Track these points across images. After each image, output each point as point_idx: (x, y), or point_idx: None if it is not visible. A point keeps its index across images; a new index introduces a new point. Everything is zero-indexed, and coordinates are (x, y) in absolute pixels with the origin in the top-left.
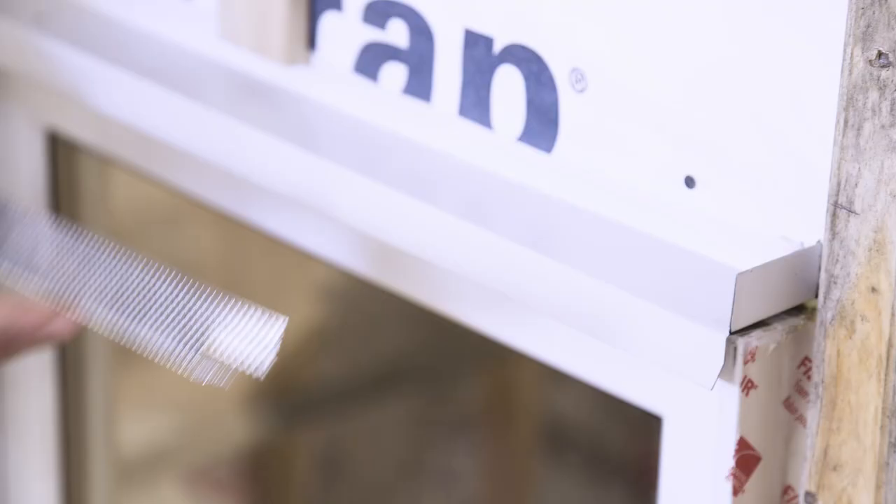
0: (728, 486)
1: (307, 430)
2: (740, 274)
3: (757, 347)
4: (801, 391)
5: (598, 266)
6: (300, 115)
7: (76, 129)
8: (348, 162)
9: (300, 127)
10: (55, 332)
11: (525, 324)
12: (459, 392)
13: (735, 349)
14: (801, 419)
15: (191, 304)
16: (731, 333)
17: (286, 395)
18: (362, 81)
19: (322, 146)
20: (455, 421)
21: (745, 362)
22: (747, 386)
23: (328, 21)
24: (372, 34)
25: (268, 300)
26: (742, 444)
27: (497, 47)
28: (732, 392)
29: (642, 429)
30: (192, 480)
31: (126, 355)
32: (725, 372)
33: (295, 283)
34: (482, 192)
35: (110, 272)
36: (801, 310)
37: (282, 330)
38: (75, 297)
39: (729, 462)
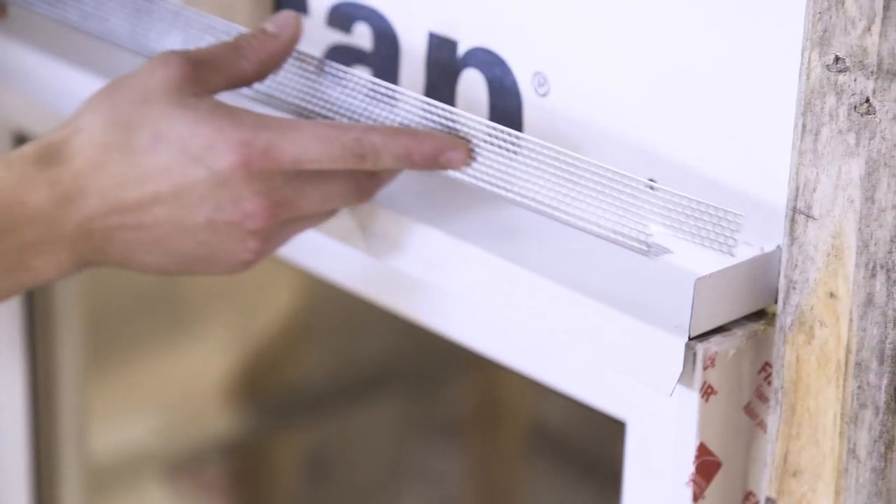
0: (688, 492)
1: (293, 430)
2: (699, 279)
3: (716, 353)
4: (762, 397)
5: (559, 270)
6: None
7: (44, 131)
8: None
9: None
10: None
11: (489, 328)
12: (446, 394)
13: (694, 355)
14: (761, 425)
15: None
16: (691, 339)
17: (272, 394)
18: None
19: None
20: (442, 423)
21: (705, 368)
22: (707, 392)
23: None
24: (337, 37)
25: (254, 299)
26: (702, 450)
27: (461, 50)
28: (692, 398)
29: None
30: (176, 480)
31: (100, 358)
32: (685, 377)
33: (281, 283)
34: (445, 195)
35: None
36: (762, 315)
37: None
38: None
39: (689, 468)
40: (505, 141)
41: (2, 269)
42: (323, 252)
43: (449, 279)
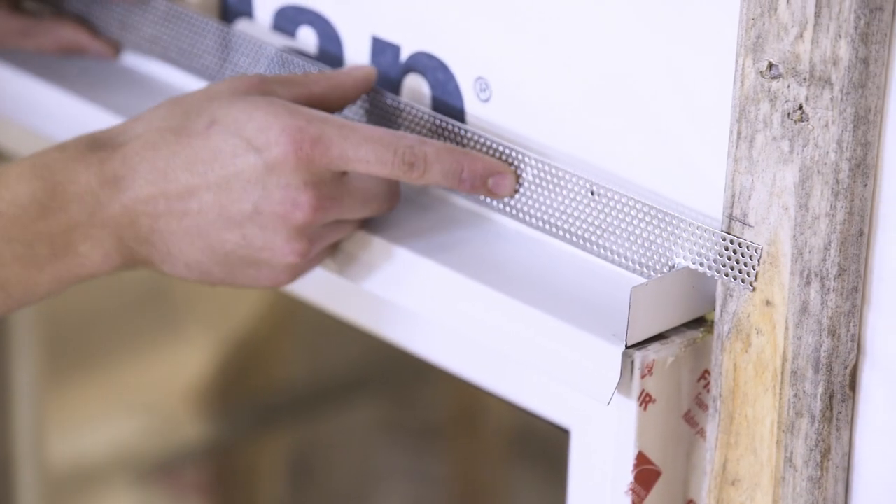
0: (628, 501)
1: (275, 433)
2: (635, 288)
3: (654, 361)
4: (702, 405)
5: (500, 277)
6: None
7: (15, 146)
8: None
9: None
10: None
11: (435, 336)
12: (428, 396)
13: (632, 363)
14: (701, 433)
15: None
16: (628, 347)
17: (251, 398)
18: None
19: None
20: (423, 425)
21: (643, 376)
22: (645, 400)
23: (240, 28)
24: (283, 41)
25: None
26: (641, 459)
27: (404, 55)
28: (629, 406)
29: None
30: (150, 486)
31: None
32: (623, 386)
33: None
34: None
35: None
36: (702, 322)
37: None
38: None
39: (628, 477)
40: (450, 133)
41: (49, 252)
42: None
43: (395, 289)
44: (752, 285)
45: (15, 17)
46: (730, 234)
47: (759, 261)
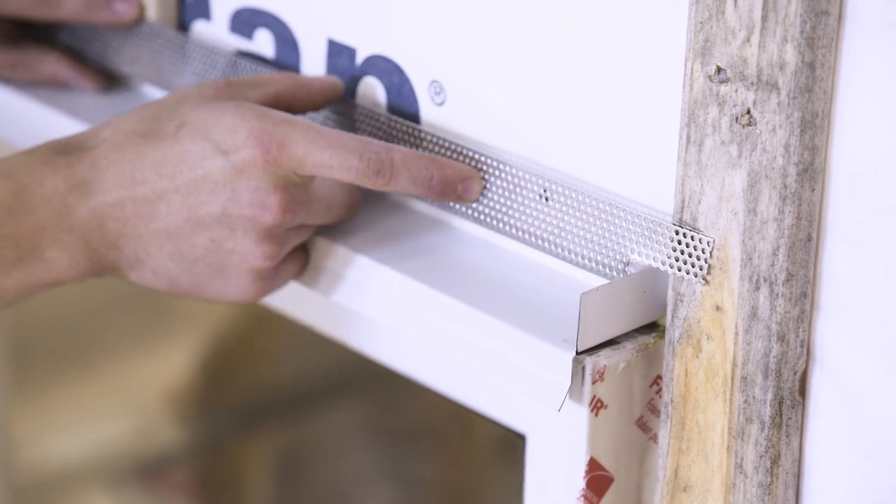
0: None
1: (261, 434)
2: (585, 293)
3: (605, 367)
4: (655, 410)
5: (455, 283)
6: None
7: None
8: None
9: None
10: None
11: (393, 340)
12: (414, 397)
13: (583, 369)
14: (654, 439)
15: None
16: (579, 353)
17: (238, 398)
18: None
19: None
20: (410, 426)
21: (594, 382)
22: (597, 406)
23: (198, 30)
24: (240, 43)
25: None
26: (593, 465)
27: (360, 58)
28: (581, 412)
29: None
30: (144, 484)
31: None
32: (574, 392)
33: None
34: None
35: None
36: (654, 328)
37: None
38: None
39: (580, 483)
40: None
41: (15, 255)
42: None
43: (354, 296)
44: (704, 279)
45: (4, 51)
46: (681, 226)
47: (710, 253)
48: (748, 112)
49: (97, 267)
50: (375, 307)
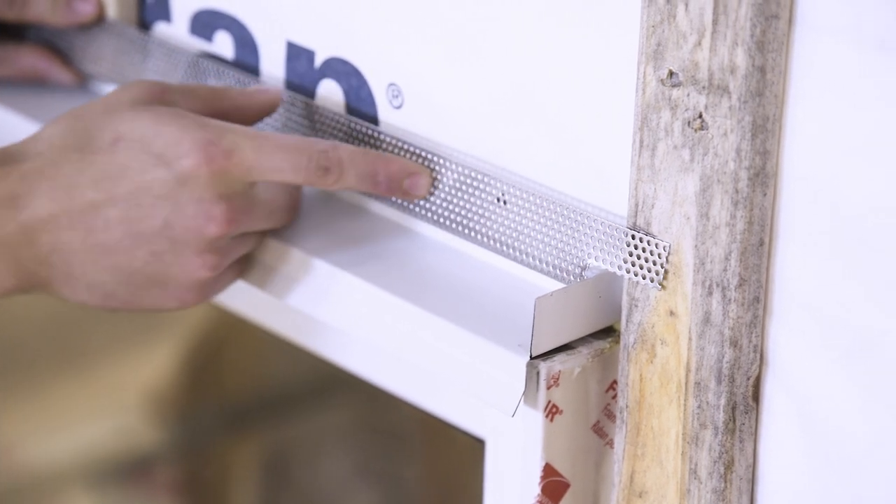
0: None
1: (247, 435)
2: (539, 298)
3: (560, 372)
4: (611, 415)
5: (412, 287)
6: None
7: None
8: None
9: None
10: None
11: (351, 343)
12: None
13: (538, 374)
14: (611, 444)
15: None
16: (534, 358)
17: (224, 399)
18: None
19: None
20: (398, 429)
21: (549, 387)
22: (552, 411)
23: (158, 32)
24: (200, 46)
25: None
26: (548, 471)
27: (318, 61)
28: (536, 418)
29: None
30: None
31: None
32: (528, 397)
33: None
34: (303, 210)
35: None
36: (610, 332)
37: None
38: None
39: (535, 489)
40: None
41: None
42: None
43: (311, 300)
44: (660, 284)
45: None
46: (637, 231)
47: (666, 258)
48: (700, 116)
49: (25, 284)
50: (331, 311)
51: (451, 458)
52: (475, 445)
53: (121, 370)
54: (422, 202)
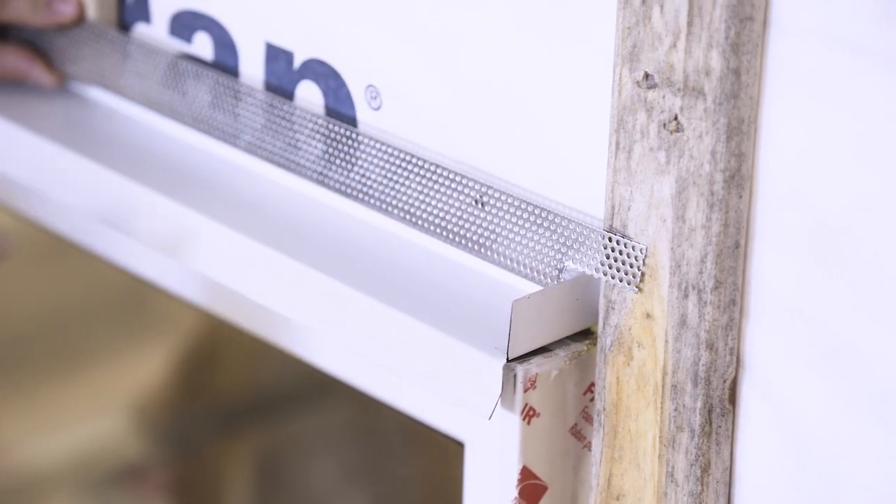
0: None
1: (241, 435)
2: (516, 301)
3: (537, 374)
4: (588, 418)
5: (389, 289)
6: (108, 128)
7: None
8: (154, 183)
9: (113, 144)
10: None
11: (333, 346)
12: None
13: (514, 377)
14: (589, 447)
15: None
16: (510, 361)
17: (218, 400)
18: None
19: (122, 163)
20: (391, 427)
21: (525, 390)
22: (529, 414)
23: (138, 33)
24: (179, 47)
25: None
26: (526, 474)
27: (297, 62)
28: (513, 421)
29: None
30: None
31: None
32: (505, 400)
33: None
34: (284, 212)
35: None
36: (587, 335)
37: None
38: None
39: (512, 492)
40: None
41: None
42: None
43: (288, 302)
44: (637, 287)
45: None
46: (613, 234)
47: (643, 261)
48: (675, 118)
49: None
50: (308, 313)
51: (434, 460)
52: (456, 448)
53: (114, 372)
54: (399, 204)
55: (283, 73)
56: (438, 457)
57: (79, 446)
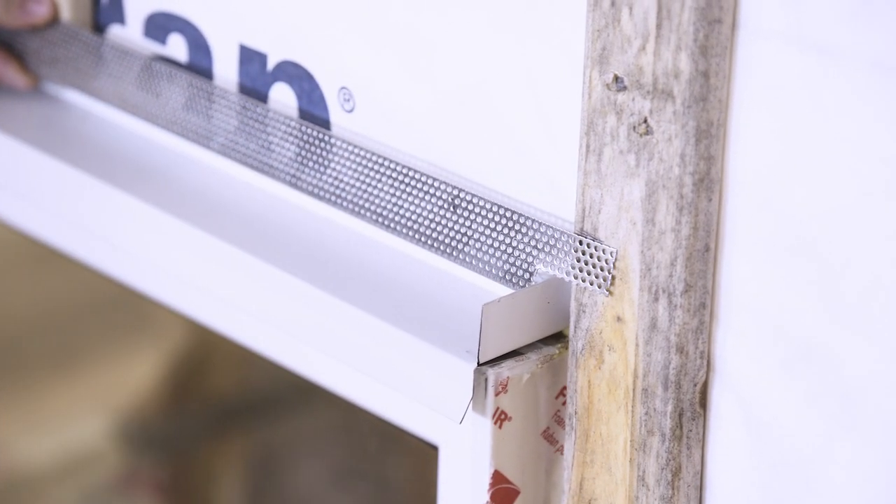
0: None
1: (233, 435)
2: (486, 305)
3: (509, 378)
4: (561, 422)
5: (361, 292)
6: (82, 130)
7: None
8: (127, 185)
9: (87, 146)
10: None
11: (307, 350)
12: None
13: (486, 380)
14: (561, 450)
15: None
16: (481, 364)
17: (210, 399)
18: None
19: (96, 165)
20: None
21: (497, 394)
22: (500, 418)
23: (113, 35)
24: (154, 49)
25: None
26: (498, 478)
27: (271, 64)
28: (484, 424)
29: None
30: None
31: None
32: (477, 404)
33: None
34: (256, 214)
35: None
36: (560, 338)
37: None
38: None
39: (484, 496)
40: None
41: None
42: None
43: (255, 302)
44: (608, 290)
45: None
46: (584, 237)
47: (613, 264)
48: (645, 121)
49: None
50: (280, 316)
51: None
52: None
53: (104, 374)
54: (372, 206)
55: (256, 75)
56: (416, 460)
57: (69, 447)
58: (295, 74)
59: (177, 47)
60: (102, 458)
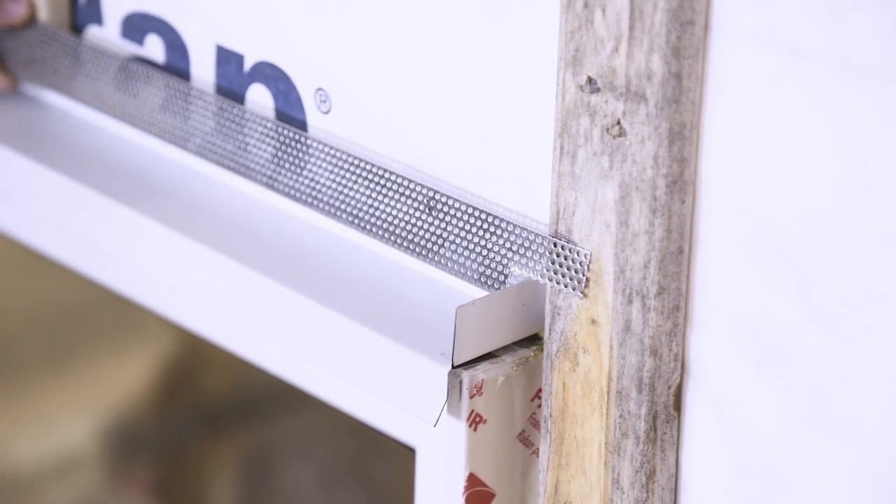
0: None
1: (227, 434)
2: (460, 307)
3: (483, 381)
4: (536, 424)
5: (335, 294)
6: (60, 131)
7: None
8: (104, 186)
9: (64, 147)
10: None
11: (282, 352)
12: None
13: (460, 383)
14: (537, 453)
15: None
16: (456, 367)
17: (204, 398)
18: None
19: (73, 166)
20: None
21: (472, 396)
22: (475, 420)
23: (90, 35)
24: (131, 49)
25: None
26: (473, 481)
27: (248, 65)
28: (459, 427)
29: None
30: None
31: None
32: (452, 406)
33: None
34: (233, 215)
35: None
36: (535, 340)
37: None
38: None
39: (459, 499)
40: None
41: None
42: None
43: (228, 304)
44: (582, 293)
45: None
46: (559, 239)
47: (587, 266)
48: (618, 123)
49: None
50: (255, 317)
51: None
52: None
53: (98, 375)
54: (348, 208)
55: (233, 76)
56: (396, 463)
57: (62, 449)
58: (272, 75)
59: (154, 48)
60: (94, 459)
